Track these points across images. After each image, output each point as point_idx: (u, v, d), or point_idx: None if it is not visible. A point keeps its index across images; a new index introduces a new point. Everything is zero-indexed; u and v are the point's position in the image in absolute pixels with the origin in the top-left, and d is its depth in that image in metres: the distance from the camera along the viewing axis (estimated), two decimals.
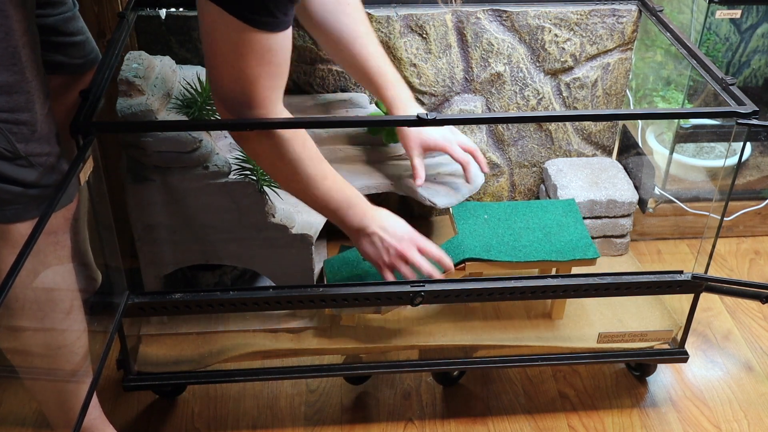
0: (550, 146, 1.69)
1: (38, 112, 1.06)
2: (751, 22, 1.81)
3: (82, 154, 1.05)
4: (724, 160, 1.86)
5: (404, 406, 1.50)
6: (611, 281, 1.31)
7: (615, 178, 1.62)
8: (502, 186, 1.73)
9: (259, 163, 1.23)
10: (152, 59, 1.36)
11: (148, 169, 1.26)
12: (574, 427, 1.47)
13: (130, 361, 1.34)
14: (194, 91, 1.31)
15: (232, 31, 1.02)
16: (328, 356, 1.46)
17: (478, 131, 1.65)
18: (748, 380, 1.58)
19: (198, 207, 1.30)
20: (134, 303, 1.25)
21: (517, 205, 1.49)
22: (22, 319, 1.14)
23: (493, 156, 1.68)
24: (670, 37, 1.42)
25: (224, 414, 1.48)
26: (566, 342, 1.43)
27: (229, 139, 1.48)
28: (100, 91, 1.16)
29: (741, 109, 1.20)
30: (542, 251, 1.38)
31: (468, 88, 1.60)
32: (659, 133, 1.95)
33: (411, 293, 1.27)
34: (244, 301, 1.26)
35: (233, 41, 1.03)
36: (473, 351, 1.43)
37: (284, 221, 1.33)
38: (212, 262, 1.37)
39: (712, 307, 1.74)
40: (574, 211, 1.48)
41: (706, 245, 1.33)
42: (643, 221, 1.87)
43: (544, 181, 1.71)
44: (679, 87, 1.91)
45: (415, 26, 1.51)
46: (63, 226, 1.14)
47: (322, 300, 1.27)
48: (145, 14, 1.47)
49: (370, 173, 1.47)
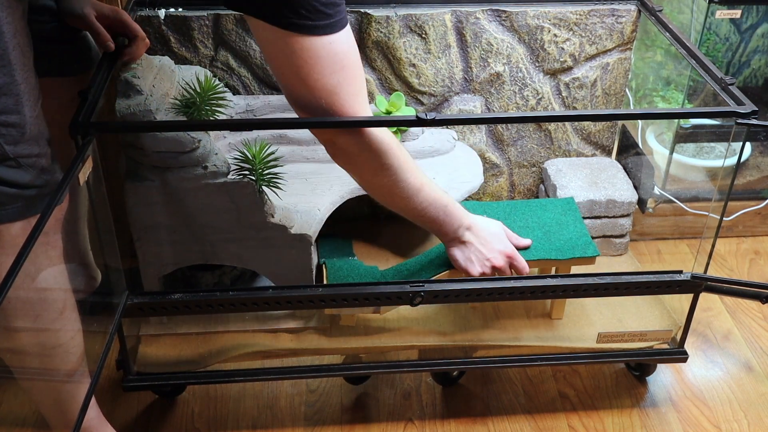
0: (550, 146, 1.69)
1: (27, 114, 1.05)
2: (751, 22, 1.81)
3: (81, 154, 1.05)
4: (724, 160, 1.86)
5: (404, 406, 1.50)
6: (611, 281, 1.31)
7: (614, 178, 1.62)
8: (502, 186, 1.73)
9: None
10: (151, 59, 1.36)
11: (148, 169, 1.26)
12: (574, 427, 1.47)
13: (129, 361, 1.34)
14: (193, 91, 1.31)
15: (289, 44, 0.93)
16: (328, 356, 1.46)
17: (477, 131, 1.65)
18: (748, 380, 1.58)
19: (197, 207, 1.30)
20: (134, 303, 1.25)
21: (516, 204, 1.49)
22: (15, 320, 1.13)
23: (492, 156, 1.68)
24: (670, 37, 1.42)
25: (224, 414, 1.48)
26: (566, 342, 1.43)
27: (228, 139, 1.48)
28: (99, 91, 1.16)
29: (740, 109, 1.20)
30: (542, 250, 1.38)
31: (467, 88, 1.60)
32: (659, 133, 1.95)
33: (411, 293, 1.27)
34: (244, 302, 1.26)
35: (295, 55, 0.94)
36: (473, 351, 1.43)
37: (283, 221, 1.33)
38: (211, 262, 1.37)
39: (712, 307, 1.74)
40: (574, 209, 1.48)
41: (706, 245, 1.33)
42: (643, 221, 1.87)
43: (543, 181, 1.71)
44: (679, 87, 1.91)
45: (414, 26, 1.51)
46: (54, 227, 1.13)
47: (322, 300, 1.27)
48: (144, 14, 1.47)
49: None
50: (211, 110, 1.32)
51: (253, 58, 1.52)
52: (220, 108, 1.35)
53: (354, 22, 1.50)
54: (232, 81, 1.55)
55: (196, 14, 1.48)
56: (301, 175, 1.46)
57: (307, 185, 1.44)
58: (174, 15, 1.48)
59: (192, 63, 1.52)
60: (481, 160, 1.58)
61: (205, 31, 1.49)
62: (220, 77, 1.53)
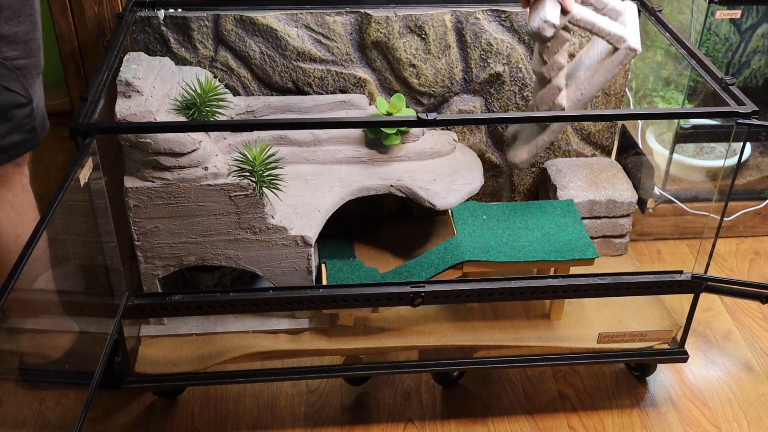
0: (550, 146, 1.69)
1: (42, 58, 1.22)
2: (751, 22, 1.81)
3: (81, 154, 1.05)
4: (724, 160, 1.86)
5: (404, 406, 1.50)
6: (611, 281, 1.31)
7: (614, 179, 1.62)
8: (502, 186, 1.73)
9: None
10: (151, 60, 1.36)
11: (148, 169, 1.27)
12: (574, 427, 1.47)
13: (129, 362, 1.34)
14: (193, 92, 1.31)
15: None
16: (328, 357, 1.46)
17: (477, 131, 1.65)
18: (748, 380, 1.58)
19: (197, 208, 1.30)
20: (134, 304, 1.25)
21: (516, 205, 1.49)
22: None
23: (492, 156, 1.68)
24: (670, 37, 1.42)
25: (224, 414, 1.48)
26: (566, 342, 1.43)
27: (228, 140, 1.48)
28: (99, 92, 1.16)
29: (741, 109, 1.20)
30: (541, 251, 1.38)
31: (467, 89, 1.60)
32: (659, 133, 1.95)
33: (411, 294, 1.27)
34: (244, 303, 1.26)
35: None
36: (473, 351, 1.43)
37: (283, 222, 1.33)
38: (211, 263, 1.37)
39: (712, 307, 1.74)
40: (573, 211, 1.48)
41: (706, 245, 1.34)
42: (643, 221, 1.87)
43: (543, 181, 1.71)
44: (679, 87, 1.91)
45: (414, 26, 1.51)
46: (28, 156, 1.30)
47: (322, 301, 1.28)
48: (144, 15, 1.47)
49: (370, 174, 1.47)
50: (211, 111, 1.32)
51: (252, 58, 1.52)
52: (221, 109, 1.35)
53: (354, 22, 1.50)
54: (232, 82, 1.55)
55: (195, 15, 1.48)
56: (301, 176, 1.47)
57: (307, 186, 1.44)
58: (174, 16, 1.48)
59: (192, 64, 1.52)
60: (481, 161, 1.58)
61: (204, 31, 1.49)
62: (220, 78, 1.53)
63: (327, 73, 1.55)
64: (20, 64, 1.18)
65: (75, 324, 1.47)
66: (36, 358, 1.46)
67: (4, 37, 1.15)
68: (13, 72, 1.17)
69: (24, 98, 1.20)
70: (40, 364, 1.46)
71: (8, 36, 1.15)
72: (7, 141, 1.22)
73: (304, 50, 1.52)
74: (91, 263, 1.44)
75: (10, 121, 1.20)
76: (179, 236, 1.33)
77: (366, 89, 1.56)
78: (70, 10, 1.78)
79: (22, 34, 1.17)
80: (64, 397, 1.50)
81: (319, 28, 1.50)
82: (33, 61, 1.20)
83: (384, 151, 1.51)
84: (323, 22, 1.49)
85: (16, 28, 1.16)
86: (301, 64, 1.53)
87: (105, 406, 1.49)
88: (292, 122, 1.26)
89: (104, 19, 1.64)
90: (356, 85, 1.56)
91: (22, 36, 1.17)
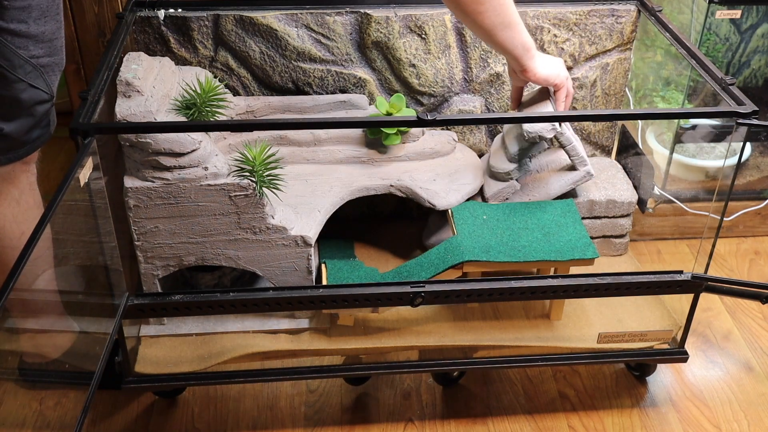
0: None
1: (64, 56, 1.26)
2: (751, 22, 1.81)
3: (81, 154, 1.05)
4: (724, 160, 1.86)
5: (404, 406, 1.50)
6: (611, 281, 1.31)
7: (614, 178, 1.62)
8: None
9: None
10: (151, 60, 1.36)
11: (148, 169, 1.27)
12: (574, 427, 1.47)
13: (129, 362, 1.34)
14: (193, 92, 1.31)
15: None
16: (328, 357, 1.46)
17: (477, 131, 1.65)
18: (748, 380, 1.58)
19: (197, 208, 1.30)
20: (134, 304, 1.25)
21: (515, 205, 1.49)
22: None
23: None
24: (669, 37, 1.42)
25: (224, 414, 1.48)
26: (566, 342, 1.43)
27: (228, 140, 1.48)
28: (99, 92, 1.17)
29: (741, 109, 1.20)
30: (541, 251, 1.38)
31: (467, 89, 1.60)
32: (659, 133, 1.95)
33: (411, 294, 1.27)
34: (244, 303, 1.26)
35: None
36: (473, 351, 1.43)
37: (283, 222, 1.33)
38: (211, 263, 1.37)
39: (712, 307, 1.74)
40: (573, 211, 1.48)
41: (706, 245, 1.34)
42: (643, 221, 1.87)
43: None
44: (679, 87, 1.91)
45: (414, 26, 1.51)
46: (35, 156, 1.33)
47: (322, 301, 1.28)
48: (144, 15, 1.47)
49: (370, 174, 1.48)
50: (211, 111, 1.32)
51: (252, 58, 1.52)
52: (221, 109, 1.35)
53: (354, 22, 1.50)
54: (232, 82, 1.55)
55: (195, 15, 1.48)
56: (301, 176, 1.47)
57: (307, 186, 1.44)
58: (174, 16, 1.48)
59: (192, 64, 1.52)
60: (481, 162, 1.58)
61: (204, 31, 1.50)
62: (220, 78, 1.53)
63: (327, 73, 1.55)
64: (44, 62, 1.21)
65: (75, 324, 1.47)
66: (36, 358, 1.46)
67: (32, 36, 1.18)
68: (38, 69, 1.21)
69: (47, 95, 1.24)
70: (40, 363, 1.46)
71: (36, 35, 1.18)
72: (29, 136, 1.26)
73: (304, 50, 1.52)
74: (91, 263, 1.44)
75: (32, 116, 1.24)
76: (179, 236, 1.33)
77: (366, 89, 1.56)
78: (70, 10, 1.79)
79: (48, 33, 1.20)
80: (64, 397, 1.50)
81: (319, 28, 1.50)
82: (56, 59, 1.24)
83: (384, 151, 1.51)
84: (323, 22, 1.49)
85: (44, 27, 1.19)
86: (301, 64, 1.53)
87: (105, 406, 1.49)
88: (292, 122, 1.25)
89: (104, 19, 1.65)
90: (356, 85, 1.56)
91: (48, 35, 1.20)
